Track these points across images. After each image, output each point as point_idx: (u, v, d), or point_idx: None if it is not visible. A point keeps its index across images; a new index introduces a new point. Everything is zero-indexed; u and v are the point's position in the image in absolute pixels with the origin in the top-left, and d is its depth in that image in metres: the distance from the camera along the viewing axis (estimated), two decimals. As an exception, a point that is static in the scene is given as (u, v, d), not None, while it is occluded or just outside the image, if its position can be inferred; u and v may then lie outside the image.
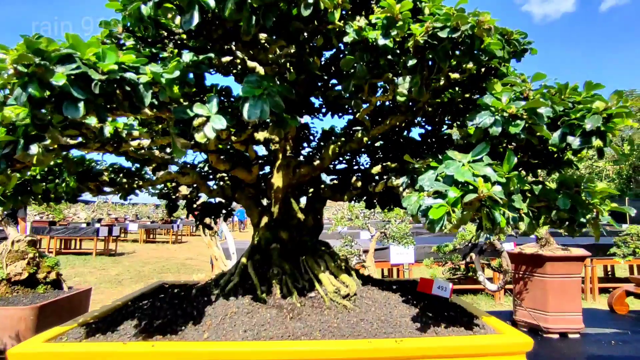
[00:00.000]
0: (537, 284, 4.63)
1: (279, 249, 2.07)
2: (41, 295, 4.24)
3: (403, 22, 1.34)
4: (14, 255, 4.30)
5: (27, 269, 4.31)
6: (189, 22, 1.22)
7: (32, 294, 4.27)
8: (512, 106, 1.34)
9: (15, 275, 4.22)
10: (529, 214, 1.85)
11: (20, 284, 4.27)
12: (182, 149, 1.40)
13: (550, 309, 4.50)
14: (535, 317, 4.62)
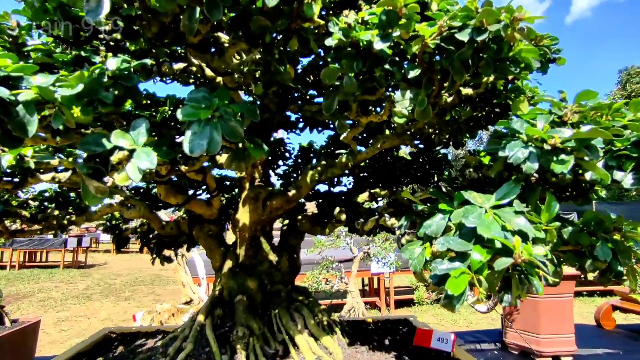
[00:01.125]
0: (528, 304, 4.37)
1: (246, 302, 1.64)
2: (-24, 334, 3.65)
3: (408, 20, 0.96)
4: (-57, 288, 3.69)
5: (-41, 304, 3.71)
6: (94, 11, 0.80)
7: (-34, 332, 3.67)
8: (555, 135, 0.98)
9: (-56, 311, 3.62)
10: (554, 261, 1.51)
11: (-50, 321, 3.66)
12: (97, 195, 0.97)
13: (542, 331, 4.25)
14: (526, 340, 4.35)
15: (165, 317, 3.95)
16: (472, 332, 5.31)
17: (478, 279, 0.96)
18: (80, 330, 7.12)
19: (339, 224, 1.95)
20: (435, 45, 1.01)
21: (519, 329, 4.46)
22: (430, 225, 1.19)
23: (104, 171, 0.96)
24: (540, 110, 1.14)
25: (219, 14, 0.87)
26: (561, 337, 4.30)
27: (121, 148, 0.93)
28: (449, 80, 1.10)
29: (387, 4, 0.93)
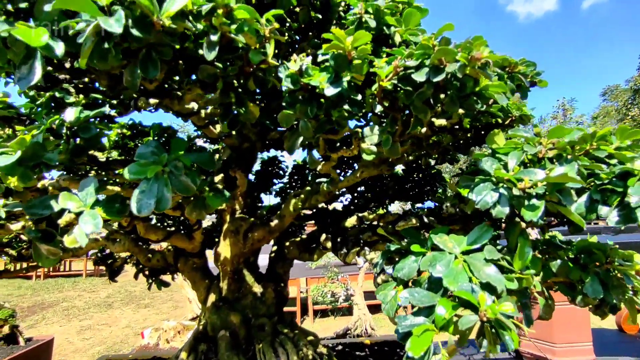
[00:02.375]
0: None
1: (228, 338, 1.61)
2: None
3: (361, 62, 0.91)
4: (-41, 310, 3.81)
5: (-26, 325, 3.83)
6: (26, 79, 0.78)
7: (-19, 353, 3.78)
8: (525, 178, 0.91)
9: (-40, 333, 3.73)
10: (544, 293, 1.42)
11: (-34, 342, 3.78)
12: (50, 257, 0.96)
13: (557, 340, 4.09)
14: (541, 349, 4.20)
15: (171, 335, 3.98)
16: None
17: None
18: (102, 339, 7.28)
19: (326, 251, 1.90)
20: (393, 85, 0.95)
21: (533, 338, 4.31)
22: (402, 269, 1.13)
23: (54, 234, 0.94)
24: (515, 144, 1.06)
25: (155, 71, 0.84)
26: (578, 346, 4.14)
27: (69, 210, 0.91)
28: (413, 118, 1.04)
29: (335, 47, 0.88)
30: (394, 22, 1.11)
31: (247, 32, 0.86)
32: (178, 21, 0.80)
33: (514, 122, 1.53)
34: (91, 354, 6.42)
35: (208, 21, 0.83)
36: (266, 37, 0.93)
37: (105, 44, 0.75)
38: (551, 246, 1.44)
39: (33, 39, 0.74)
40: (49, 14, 0.76)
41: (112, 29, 0.71)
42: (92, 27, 0.71)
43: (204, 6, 0.82)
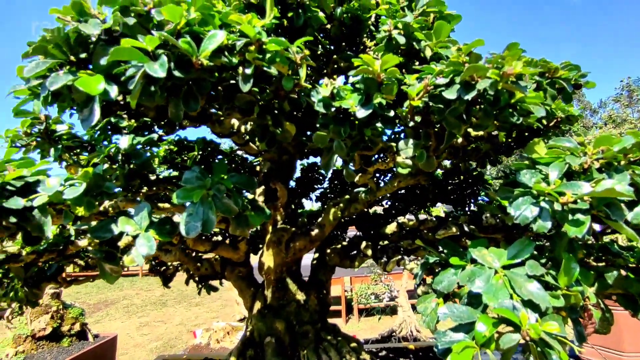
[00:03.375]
0: (606, 316, 3.93)
1: (274, 344, 1.69)
2: (65, 350, 4.15)
3: (390, 83, 0.92)
4: (38, 310, 4.25)
5: (50, 323, 4.24)
6: (88, 120, 0.88)
7: (57, 348, 4.20)
8: (567, 193, 0.88)
9: (39, 330, 4.16)
10: (600, 305, 1.35)
11: (45, 339, 4.21)
12: (112, 275, 1.06)
13: (626, 348, 3.78)
14: (606, 357, 3.92)
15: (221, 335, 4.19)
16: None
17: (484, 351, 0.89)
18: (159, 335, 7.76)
19: (366, 258, 1.92)
20: (424, 103, 0.95)
21: (597, 345, 4.03)
22: (442, 281, 1.12)
23: (115, 254, 1.04)
24: (558, 154, 1.02)
25: (196, 105, 0.91)
26: (650, 355, 3.82)
27: (127, 233, 1.01)
28: (447, 132, 1.04)
29: (364, 71, 0.90)
30: (423, 37, 1.10)
31: (279, 62, 0.90)
32: (215, 58, 0.86)
33: (559, 123, 1.46)
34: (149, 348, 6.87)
35: (242, 56, 0.88)
36: (298, 63, 0.97)
37: (152, 87, 0.82)
38: (608, 253, 1.37)
39: (92, 88, 0.83)
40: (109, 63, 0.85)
41: (157, 74, 0.78)
42: (140, 73, 0.79)
43: (237, 42, 0.87)
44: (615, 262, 1.34)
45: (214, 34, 0.85)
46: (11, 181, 0.92)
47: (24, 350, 4.04)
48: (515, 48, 1.07)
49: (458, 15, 1.38)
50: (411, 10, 1.29)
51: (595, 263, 1.41)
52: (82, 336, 4.48)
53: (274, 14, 0.98)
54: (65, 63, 0.91)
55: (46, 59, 0.87)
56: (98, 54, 0.88)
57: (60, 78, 0.85)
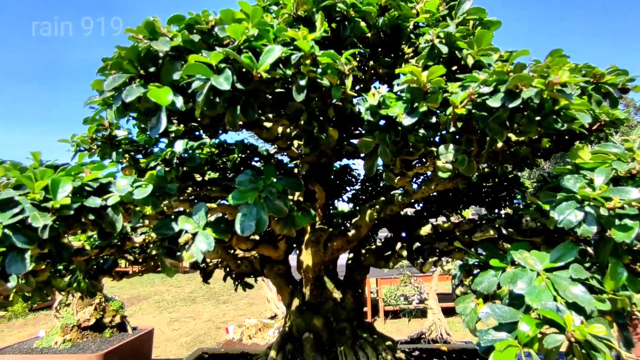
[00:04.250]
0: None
1: (313, 339, 1.75)
2: (107, 340, 4.39)
3: (435, 92, 0.96)
4: (83, 302, 4.52)
5: (94, 315, 4.50)
6: (156, 128, 0.97)
7: (100, 338, 4.44)
8: (615, 198, 0.89)
9: (84, 321, 4.42)
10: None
11: (89, 329, 4.46)
12: (172, 269, 1.16)
13: (672, 360, 3.62)
14: (650, 368, 3.75)
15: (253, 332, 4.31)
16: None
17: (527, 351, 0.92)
18: (189, 330, 8.00)
19: (401, 259, 1.96)
20: (467, 111, 0.99)
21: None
22: (482, 282, 1.15)
23: (175, 250, 1.14)
24: (603, 159, 1.03)
25: (253, 113, 0.98)
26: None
27: (186, 231, 1.10)
28: (488, 140, 1.07)
29: (411, 81, 0.95)
30: (465, 46, 1.14)
31: (330, 73, 0.96)
32: (272, 71, 0.94)
33: (603, 126, 1.45)
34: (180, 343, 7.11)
35: (296, 68, 0.95)
36: (345, 74, 1.03)
37: (216, 99, 0.91)
38: None
39: (162, 99, 0.92)
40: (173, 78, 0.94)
41: (222, 87, 0.86)
42: (207, 86, 0.87)
43: (292, 56, 0.94)
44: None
45: (271, 49, 0.93)
46: (89, 182, 1.02)
47: (71, 339, 4.30)
48: (559, 54, 1.09)
49: (498, 22, 1.41)
50: (451, 18, 1.33)
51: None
52: (122, 328, 4.71)
53: (324, 28, 1.04)
54: (135, 76, 1.01)
55: (121, 74, 0.97)
56: (166, 68, 0.98)
57: (134, 91, 0.95)
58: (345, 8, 1.16)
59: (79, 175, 1.05)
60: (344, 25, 1.20)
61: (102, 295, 4.69)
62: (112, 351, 4.23)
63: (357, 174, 2.89)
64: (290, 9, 1.18)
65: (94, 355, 4.09)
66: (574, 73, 1.10)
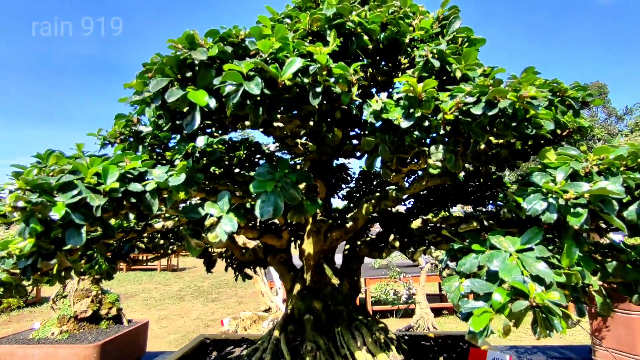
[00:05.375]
0: (620, 321, 4.03)
1: (313, 320, 1.93)
2: (104, 332, 4.49)
3: (428, 100, 1.16)
4: (80, 293, 4.60)
5: (91, 307, 4.59)
6: (190, 125, 1.15)
7: (96, 330, 4.53)
8: (570, 190, 1.10)
9: (81, 312, 4.51)
10: (602, 292, 1.55)
11: (85, 320, 4.55)
12: (196, 248, 1.33)
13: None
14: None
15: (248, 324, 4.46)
16: (559, 348, 4.98)
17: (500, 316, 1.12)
18: (177, 328, 8.03)
19: (394, 249, 2.16)
20: (455, 117, 1.18)
21: (610, 348, 4.14)
22: (465, 264, 1.35)
23: (201, 232, 1.31)
24: (565, 159, 1.24)
25: (275, 114, 1.16)
26: (665, 360, 3.90)
27: (212, 215, 1.27)
28: (473, 139, 1.27)
29: (408, 91, 1.14)
30: (454, 62, 1.34)
31: (341, 82, 1.15)
32: (293, 79, 1.12)
33: (572, 133, 1.67)
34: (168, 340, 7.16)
35: (314, 77, 1.13)
36: (353, 83, 1.22)
37: (247, 101, 1.08)
38: (614, 250, 1.57)
39: (200, 99, 1.10)
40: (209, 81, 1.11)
41: (253, 91, 1.04)
42: (241, 90, 1.05)
43: (311, 67, 1.13)
44: (620, 257, 1.54)
45: (293, 60, 1.11)
46: (130, 170, 1.19)
47: (68, 330, 4.38)
48: (532, 72, 1.30)
49: (483, 39, 1.61)
50: (443, 35, 1.53)
51: (602, 257, 1.61)
52: (118, 320, 4.80)
53: (336, 43, 1.23)
54: (174, 80, 1.18)
55: (162, 78, 1.14)
56: (201, 74, 1.15)
57: (174, 92, 1.12)
58: (353, 26, 1.35)
59: (120, 164, 1.22)
60: (352, 40, 1.39)
61: (99, 288, 4.78)
62: (108, 342, 4.31)
63: (352, 172, 3.08)
64: (306, 25, 1.37)
65: (90, 346, 4.17)
66: (542, 88, 1.32)
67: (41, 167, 1.18)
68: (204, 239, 1.33)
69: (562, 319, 1.10)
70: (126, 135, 1.56)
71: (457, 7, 1.58)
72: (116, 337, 4.37)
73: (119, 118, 1.50)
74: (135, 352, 4.81)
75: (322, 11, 1.34)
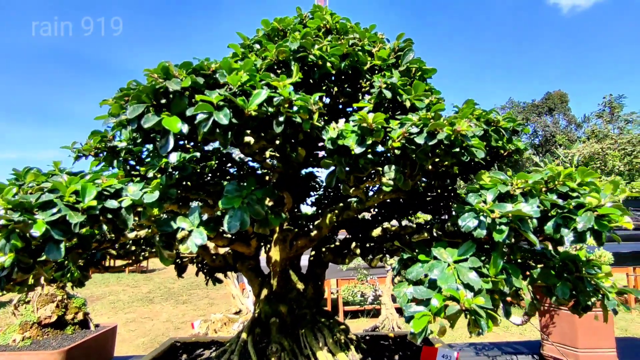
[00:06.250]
0: (564, 318, 4.40)
1: (278, 323, 2.07)
2: (69, 337, 4.43)
3: (378, 130, 1.33)
4: (44, 299, 4.52)
5: (56, 312, 4.52)
6: (164, 148, 1.26)
7: (61, 335, 4.47)
8: (496, 210, 1.29)
9: (45, 318, 4.43)
10: (530, 293, 1.77)
11: (50, 326, 4.47)
12: (168, 259, 1.44)
13: (580, 345, 4.26)
14: (564, 354, 4.39)
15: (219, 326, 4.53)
16: (512, 344, 5.32)
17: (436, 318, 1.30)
18: (146, 331, 7.85)
19: (355, 256, 2.32)
20: (402, 144, 1.35)
21: (556, 342, 4.50)
22: (412, 272, 1.53)
23: (172, 244, 1.42)
24: (496, 182, 1.44)
25: (242, 139, 1.30)
26: (601, 352, 4.28)
27: (183, 229, 1.39)
28: (418, 164, 1.45)
29: (361, 121, 1.30)
30: (404, 93, 1.51)
31: (302, 112, 1.30)
32: (259, 110, 1.25)
33: (512, 153, 1.89)
34: (136, 344, 7.03)
35: (277, 108, 1.27)
36: (314, 111, 1.37)
37: (216, 129, 1.21)
38: (544, 258, 1.80)
39: (173, 126, 1.21)
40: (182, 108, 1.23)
41: (222, 121, 1.17)
42: (211, 120, 1.17)
43: (275, 98, 1.27)
44: (548, 264, 1.76)
45: (258, 93, 1.25)
46: (107, 188, 1.29)
47: (30, 336, 4.30)
48: (471, 104, 1.50)
49: (433, 69, 1.81)
50: (397, 67, 1.71)
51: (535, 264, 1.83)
52: (85, 325, 4.74)
53: (298, 75, 1.37)
54: (150, 106, 1.28)
55: (139, 104, 1.25)
56: (175, 102, 1.27)
57: (150, 119, 1.23)
58: (315, 59, 1.50)
59: (96, 182, 1.31)
60: (314, 71, 1.54)
61: (65, 293, 4.71)
62: (74, 347, 4.25)
63: (320, 181, 3.24)
64: (273, 55, 1.50)
65: (55, 352, 4.11)
66: (481, 118, 1.52)
67: (19, 184, 1.25)
68: (175, 248, 1.44)
69: (490, 320, 1.30)
70: (101, 149, 1.64)
71: (411, 39, 1.77)
72: (82, 342, 4.32)
73: (94, 134, 1.59)
74: (102, 358, 4.76)
75: (287, 44, 1.48)
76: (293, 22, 1.85)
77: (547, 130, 40.97)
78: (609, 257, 4.39)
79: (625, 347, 4.76)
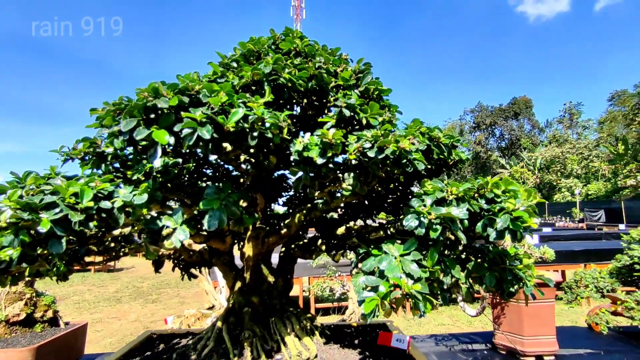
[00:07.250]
0: (513, 309, 4.87)
1: (251, 312, 2.30)
2: (39, 335, 4.44)
3: (337, 145, 1.58)
4: (12, 296, 4.51)
5: (24, 310, 4.52)
6: (153, 157, 1.47)
7: (30, 333, 4.47)
8: (433, 212, 1.59)
9: (13, 316, 4.42)
10: (467, 283, 2.09)
11: (18, 324, 4.47)
12: (153, 253, 1.64)
13: (525, 333, 4.74)
14: (512, 341, 4.85)
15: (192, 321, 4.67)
16: (469, 334, 5.74)
17: (383, 302, 1.57)
18: (113, 331, 7.70)
19: (321, 252, 2.58)
20: (357, 157, 1.62)
21: (505, 331, 4.96)
22: (366, 264, 1.80)
23: (157, 239, 1.62)
24: (435, 188, 1.73)
25: (222, 150, 1.52)
26: (543, 338, 4.77)
27: (168, 226, 1.59)
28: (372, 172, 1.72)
29: (322, 137, 1.56)
30: (361, 112, 1.78)
31: (273, 128, 1.54)
32: (236, 126, 1.48)
33: (457, 163, 2.20)
34: (103, 345, 6.86)
35: (251, 124, 1.51)
36: (283, 127, 1.61)
37: (200, 142, 1.43)
38: (483, 253, 2.11)
39: (161, 138, 1.42)
40: (169, 123, 1.44)
41: (205, 136, 1.39)
42: (195, 135, 1.39)
43: (250, 116, 1.50)
44: (486, 258, 2.08)
45: (236, 111, 1.48)
46: (101, 190, 1.48)
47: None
48: (417, 123, 1.78)
49: (389, 89, 2.09)
50: (357, 87, 1.98)
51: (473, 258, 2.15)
52: (54, 323, 4.75)
53: (270, 96, 1.61)
54: (141, 120, 1.48)
55: (132, 119, 1.45)
56: (164, 118, 1.47)
57: (141, 132, 1.43)
58: (284, 81, 1.74)
59: (90, 185, 1.50)
60: (284, 91, 1.79)
61: (33, 290, 4.70)
62: (44, 345, 4.26)
63: (291, 182, 3.48)
64: (248, 77, 1.73)
65: (25, 349, 4.12)
66: (425, 133, 1.81)
67: (21, 186, 1.42)
68: (160, 244, 1.64)
69: (427, 303, 1.59)
70: (90, 154, 1.81)
71: (370, 63, 2.04)
72: (52, 340, 4.34)
73: (85, 141, 1.76)
74: (72, 355, 4.80)
75: (261, 67, 1.71)
76: (267, 43, 2.09)
77: (513, 133, 42.89)
78: (551, 254, 4.87)
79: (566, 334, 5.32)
